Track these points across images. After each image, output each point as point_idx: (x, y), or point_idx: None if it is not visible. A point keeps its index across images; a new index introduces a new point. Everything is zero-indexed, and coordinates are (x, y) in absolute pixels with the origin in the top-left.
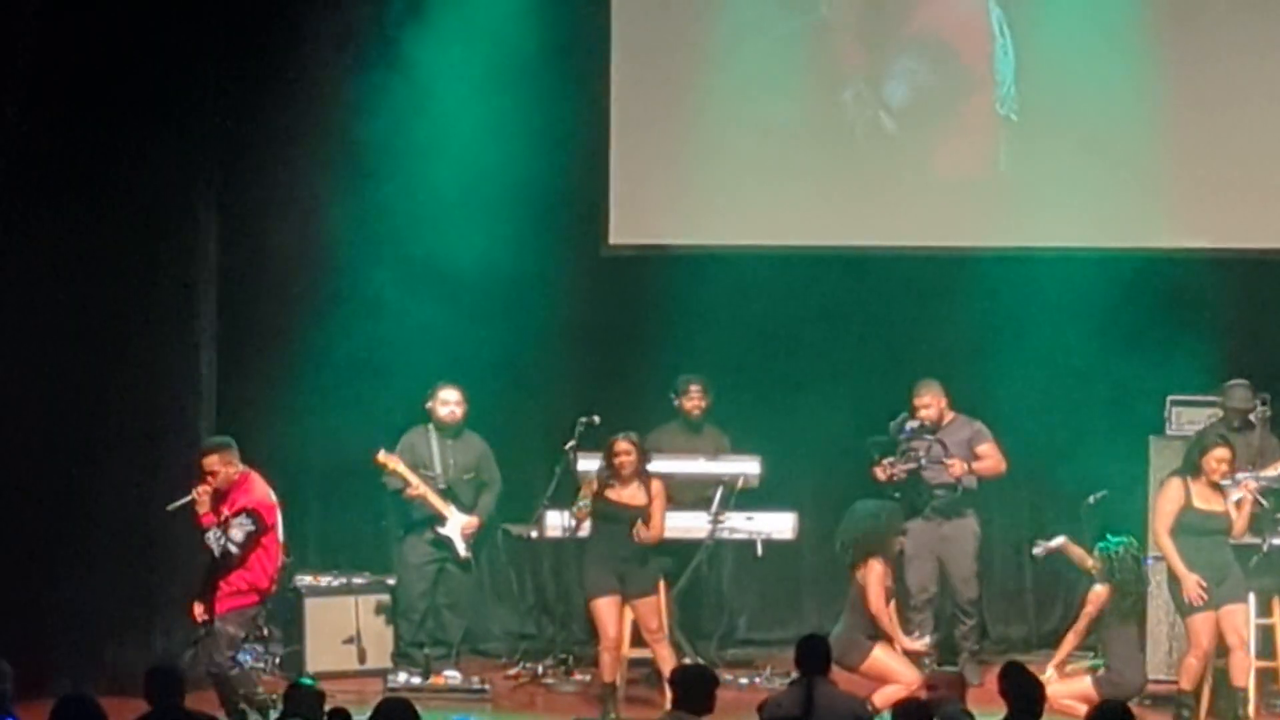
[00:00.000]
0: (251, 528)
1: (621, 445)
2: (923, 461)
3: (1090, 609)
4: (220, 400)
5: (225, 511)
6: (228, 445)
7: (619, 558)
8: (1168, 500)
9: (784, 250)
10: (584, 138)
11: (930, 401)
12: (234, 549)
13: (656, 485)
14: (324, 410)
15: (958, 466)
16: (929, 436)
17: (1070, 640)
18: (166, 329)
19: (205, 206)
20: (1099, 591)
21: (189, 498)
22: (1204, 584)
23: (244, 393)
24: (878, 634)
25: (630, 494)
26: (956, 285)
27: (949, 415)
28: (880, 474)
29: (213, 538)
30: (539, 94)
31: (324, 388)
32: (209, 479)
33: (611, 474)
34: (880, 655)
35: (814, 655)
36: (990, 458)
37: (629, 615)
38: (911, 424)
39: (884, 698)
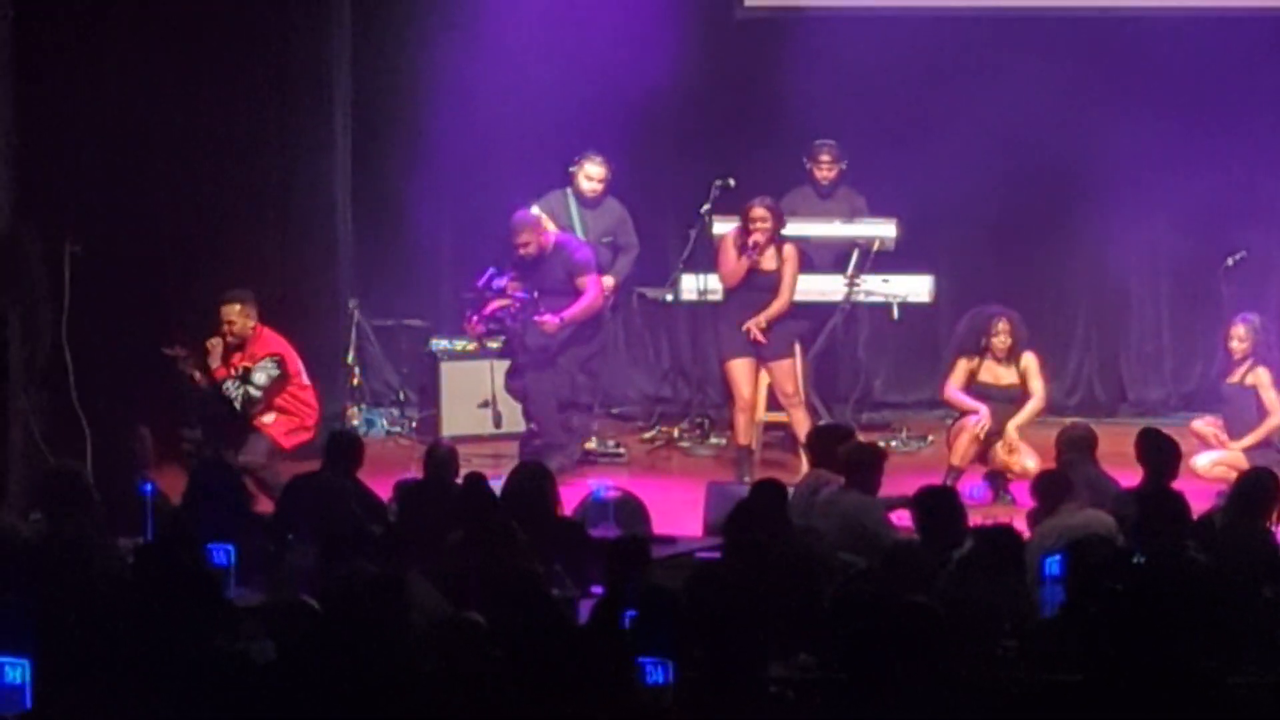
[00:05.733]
0: (276, 371)
1: (757, 211)
2: (509, 322)
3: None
4: (355, 184)
5: (238, 365)
6: (249, 297)
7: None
8: None
9: (920, 11)
10: None
11: (528, 240)
12: (256, 392)
13: (789, 250)
14: (459, 180)
15: (549, 323)
16: (521, 295)
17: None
18: (302, 121)
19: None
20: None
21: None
22: None
23: (380, 171)
24: None
25: (767, 259)
26: (1096, 47)
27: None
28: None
29: (232, 388)
30: None
31: (459, 158)
32: (226, 328)
33: (746, 238)
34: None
35: None
36: (590, 291)
37: (764, 379)
38: (498, 280)
39: None
